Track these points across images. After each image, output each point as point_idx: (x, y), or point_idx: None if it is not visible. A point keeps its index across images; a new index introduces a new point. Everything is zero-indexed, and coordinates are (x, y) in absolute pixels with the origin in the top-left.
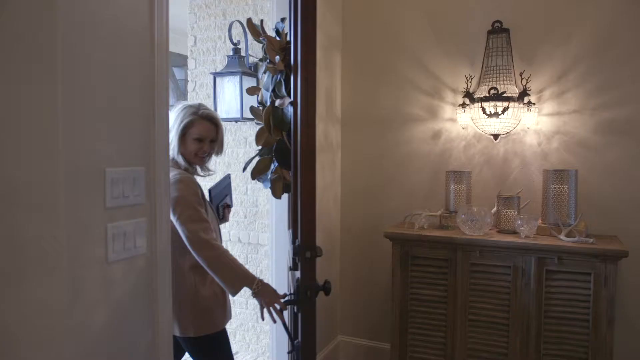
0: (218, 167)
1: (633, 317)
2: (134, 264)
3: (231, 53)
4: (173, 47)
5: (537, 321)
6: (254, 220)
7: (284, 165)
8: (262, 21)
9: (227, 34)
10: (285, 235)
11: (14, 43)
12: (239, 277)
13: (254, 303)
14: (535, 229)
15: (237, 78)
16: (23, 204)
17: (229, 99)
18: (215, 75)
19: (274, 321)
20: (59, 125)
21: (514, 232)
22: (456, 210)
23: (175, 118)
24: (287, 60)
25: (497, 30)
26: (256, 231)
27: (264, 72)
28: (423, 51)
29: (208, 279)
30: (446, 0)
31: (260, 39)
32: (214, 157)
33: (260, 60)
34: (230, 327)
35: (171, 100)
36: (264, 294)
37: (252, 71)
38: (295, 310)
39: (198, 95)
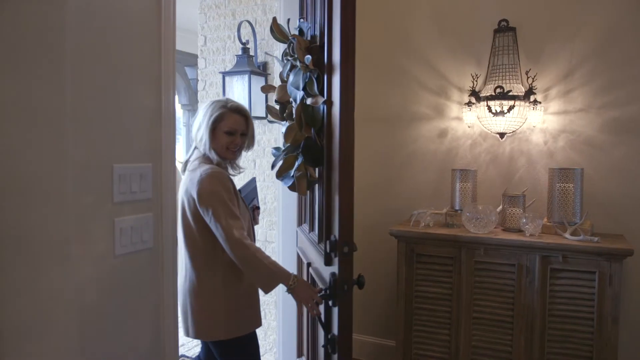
0: None
1: (637, 315)
2: (141, 257)
3: (240, 52)
4: (185, 47)
5: (541, 319)
6: (262, 217)
7: (310, 162)
8: (288, 20)
9: (236, 33)
10: (293, 233)
11: (23, 43)
12: (275, 275)
13: (261, 300)
14: (540, 228)
15: (246, 77)
16: (31, 197)
17: (238, 98)
18: (225, 74)
19: (315, 315)
20: (67, 123)
21: (519, 231)
22: (462, 208)
23: (204, 114)
24: (316, 59)
25: (504, 29)
26: (264, 228)
27: (290, 71)
28: (430, 50)
29: (242, 279)
30: (453, 0)
31: (291, 38)
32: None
33: (290, 58)
34: None
35: (183, 99)
36: (300, 289)
37: (261, 70)
38: (331, 304)
39: (208, 94)
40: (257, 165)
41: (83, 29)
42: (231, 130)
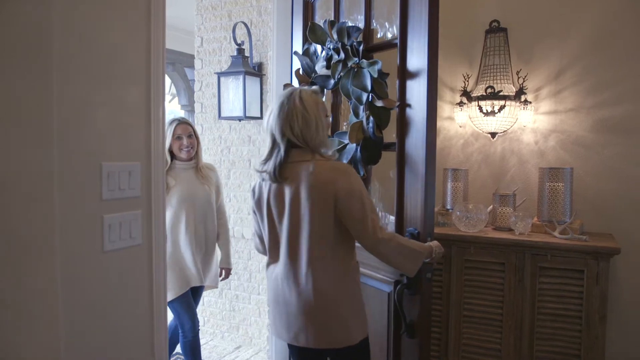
0: (223, 165)
1: (625, 313)
2: (130, 254)
3: (235, 53)
4: (185, 48)
5: (530, 318)
6: None
7: (366, 160)
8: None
9: (232, 34)
10: None
11: (7, 41)
12: (420, 254)
13: (256, 298)
14: (530, 226)
15: (241, 77)
16: (15, 195)
17: (233, 98)
18: (220, 75)
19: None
20: (54, 121)
21: (509, 230)
22: (453, 207)
23: (314, 109)
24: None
25: (495, 29)
26: None
27: (342, 72)
28: None
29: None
30: (445, 0)
31: (355, 43)
32: (220, 156)
33: (338, 61)
34: (233, 321)
35: (183, 100)
36: (439, 253)
37: (256, 71)
38: (410, 292)
39: (204, 94)
40: (252, 165)
41: (70, 29)
42: (328, 113)
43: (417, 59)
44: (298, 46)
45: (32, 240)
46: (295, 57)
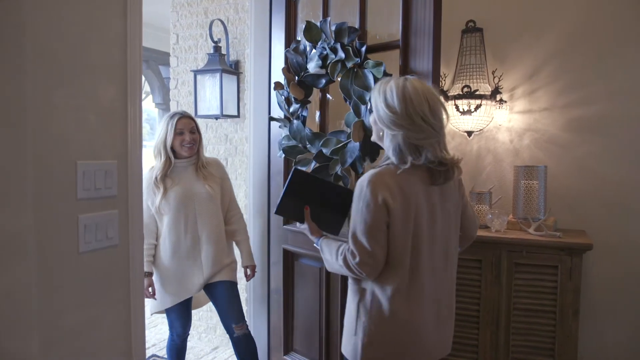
0: None
1: (597, 307)
2: (106, 254)
3: (212, 51)
4: (159, 45)
5: (506, 313)
6: None
7: (368, 156)
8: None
9: (208, 32)
10: (263, 230)
11: None
12: None
13: None
14: (506, 224)
15: (217, 75)
16: None
17: (210, 96)
18: (196, 72)
19: None
20: (28, 119)
21: (486, 227)
22: None
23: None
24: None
25: (471, 29)
26: None
27: (341, 72)
28: None
29: None
30: None
31: (357, 45)
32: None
33: (337, 61)
34: (211, 322)
35: (157, 98)
36: None
37: (233, 69)
38: None
39: (180, 92)
40: (230, 163)
41: (44, 24)
42: None
43: (420, 60)
44: (278, 44)
45: (5, 242)
46: (275, 55)
